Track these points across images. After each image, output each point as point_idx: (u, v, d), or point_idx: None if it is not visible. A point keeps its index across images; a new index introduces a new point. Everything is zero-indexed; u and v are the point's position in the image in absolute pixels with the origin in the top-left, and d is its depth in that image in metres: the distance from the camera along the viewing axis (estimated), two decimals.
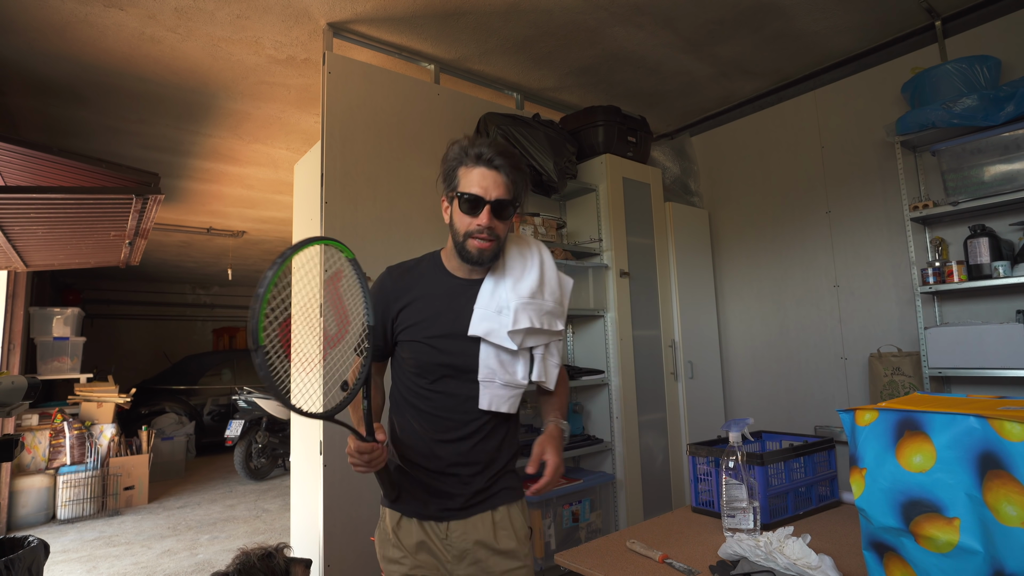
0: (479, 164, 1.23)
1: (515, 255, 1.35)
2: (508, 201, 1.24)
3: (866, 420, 1.00)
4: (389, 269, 1.41)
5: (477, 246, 1.24)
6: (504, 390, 1.28)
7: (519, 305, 1.26)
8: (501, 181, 1.23)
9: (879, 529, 0.96)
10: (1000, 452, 0.81)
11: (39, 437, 4.82)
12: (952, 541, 0.85)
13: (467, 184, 1.23)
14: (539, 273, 1.33)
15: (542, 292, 1.31)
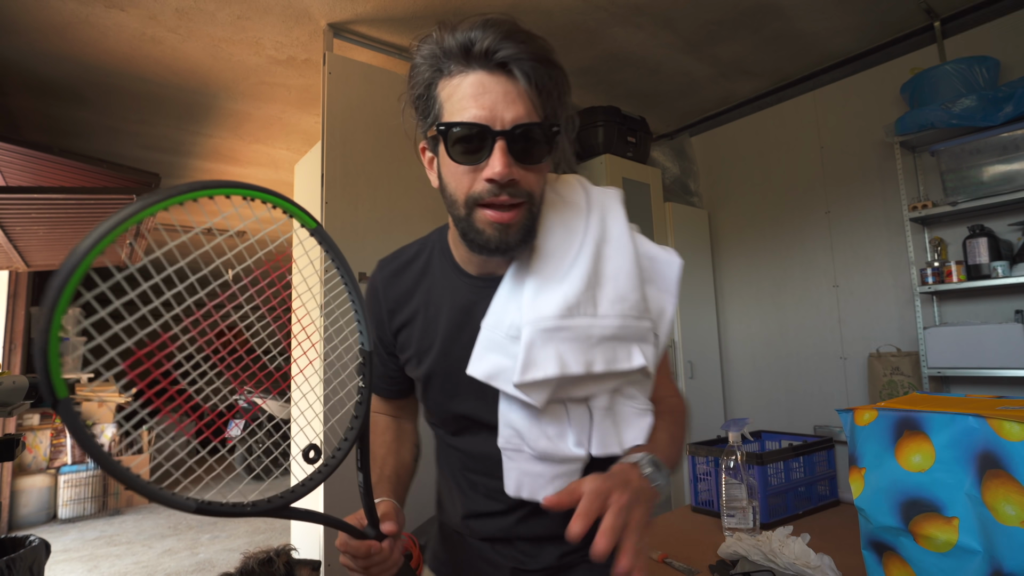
0: (471, 65, 0.70)
1: (554, 227, 0.80)
2: (539, 126, 0.71)
3: (865, 420, 1.00)
4: (380, 264, 0.97)
5: (493, 220, 0.72)
6: (541, 466, 0.78)
7: (535, 333, 0.73)
8: (519, 88, 0.70)
9: (878, 528, 0.97)
10: (999, 452, 0.82)
11: (40, 437, 4.83)
12: (951, 541, 0.85)
13: (455, 106, 0.71)
14: (591, 262, 0.77)
15: (595, 301, 0.76)
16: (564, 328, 0.74)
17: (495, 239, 0.74)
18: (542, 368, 0.73)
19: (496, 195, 0.71)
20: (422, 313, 0.89)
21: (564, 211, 0.83)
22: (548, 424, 0.78)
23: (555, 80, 0.73)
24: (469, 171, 0.72)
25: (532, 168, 0.73)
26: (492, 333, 0.79)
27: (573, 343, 0.74)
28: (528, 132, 0.71)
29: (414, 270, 0.92)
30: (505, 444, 0.80)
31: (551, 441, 0.78)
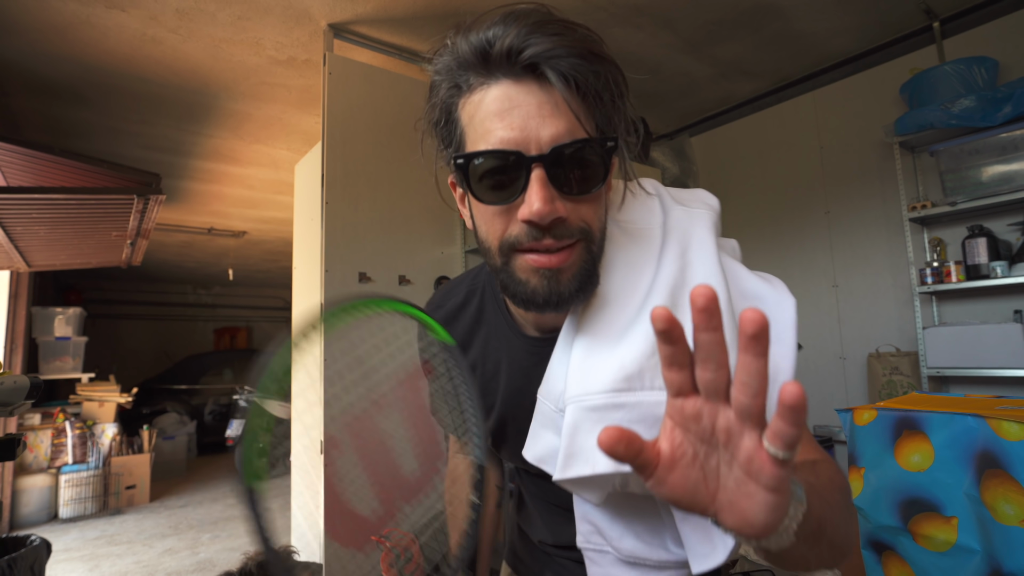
0: (493, 74, 0.56)
1: (614, 266, 0.64)
2: (588, 143, 0.55)
3: (865, 420, 1.01)
4: (428, 309, 0.80)
5: (537, 265, 0.57)
6: (632, 571, 0.63)
7: (579, 413, 0.58)
8: (557, 97, 0.55)
9: (878, 528, 0.97)
10: (998, 451, 0.82)
11: (41, 436, 4.83)
12: (950, 540, 0.86)
13: (478, 130, 0.57)
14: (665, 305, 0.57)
15: None
16: (620, 406, 0.56)
17: (543, 290, 0.58)
18: (588, 462, 0.56)
19: (537, 239, 0.56)
20: (480, 367, 0.76)
21: (628, 245, 0.64)
22: (636, 519, 0.61)
23: (606, 79, 0.56)
24: (502, 211, 0.57)
25: (584, 199, 0.57)
26: (544, 405, 0.64)
27: (636, 426, 0.53)
28: (574, 153, 0.55)
29: (466, 318, 0.78)
30: (584, 543, 0.65)
31: (641, 540, 0.61)
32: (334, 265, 2.41)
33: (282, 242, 6.78)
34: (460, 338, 0.78)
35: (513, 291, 0.60)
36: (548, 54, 0.53)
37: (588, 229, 0.58)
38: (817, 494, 0.49)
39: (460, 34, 0.57)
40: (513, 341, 0.73)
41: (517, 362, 0.72)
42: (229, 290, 10.24)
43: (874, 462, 1.00)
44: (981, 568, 0.83)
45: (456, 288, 0.82)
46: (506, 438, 0.77)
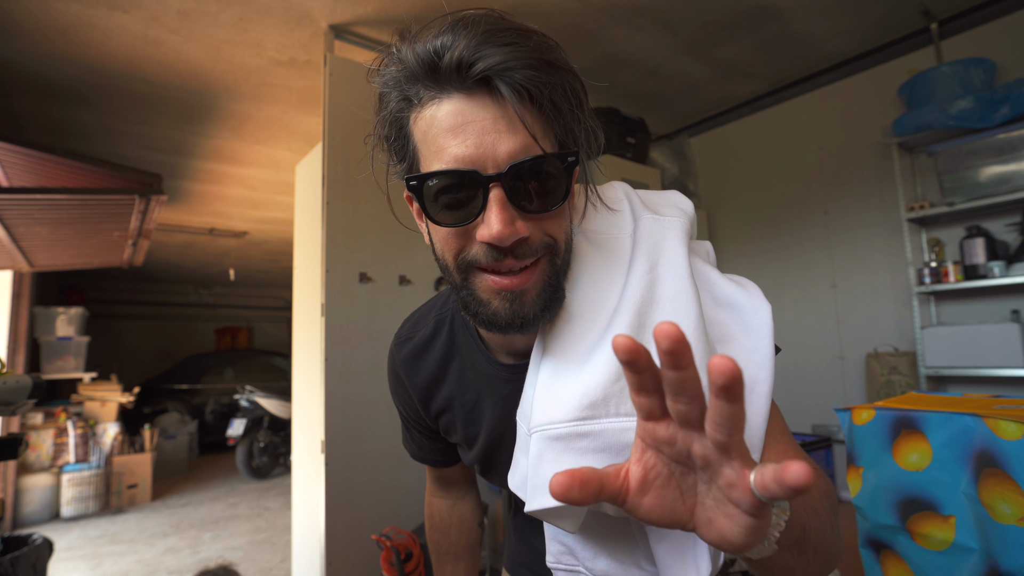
0: (443, 87, 0.53)
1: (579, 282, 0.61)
2: (547, 159, 0.53)
3: (863, 419, 1.02)
4: (396, 342, 0.81)
5: (498, 287, 0.55)
6: None
7: (543, 443, 0.56)
8: (512, 111, 0.52)
9: (876, 527, 0.98)
10: (995, 450, 0.83)
11: (43, 436, 4.83)
12: (948, 539, 0.87)
13: (430, 149, 0.55)
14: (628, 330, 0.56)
15: None
16: (584, 435, 0.53)
17: (506, 312, 0.55)
18: (542, 496, 0.54)
19: (498, 260, 0.54)
20: (458, 399, 0.74)
21: (595, 257, 0.62)
22: (608, 539, 0.60)
23: (563, 89, 0.53)
24: (459, 232, 0.55)
25: (547, 212, 0.54)
26: (521, 429, 0.62)
27: (600, 455, 0.53)
28: (534, 170, 0.52)
29: (436, 351, 0.76)
30: (555, 563, 0.63)
31: (614, 560, 0.59)
32: (335, 265, 2.42)
33: (283, 242, 6.79)
34: (432, 373, 0.76)
35: (474, 311, 0.58)
36: (500, 67, 0.50)
37: (553, 243, 0.56)
38: (802, 501, 0.48)
39: (406, 43, 0.53)
40: (488, 370, 0.70)
41: (496, 391, 0.70)
42: (230, 290, 10.24)
43: (872, 461, 1.01)
44: (979, 566, 0.84)
45: (424, 319, 0.79)
46: (495, 465, 0.75)
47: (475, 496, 0.99)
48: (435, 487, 0.98)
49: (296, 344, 2.97)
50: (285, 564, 3.60)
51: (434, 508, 0.98)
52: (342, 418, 2.36)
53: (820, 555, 0.50)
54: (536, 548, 0.84)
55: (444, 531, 0.96)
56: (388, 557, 2.14)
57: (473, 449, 0.75)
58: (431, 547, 0.99)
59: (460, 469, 0.93)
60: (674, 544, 0.55)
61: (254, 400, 6.16)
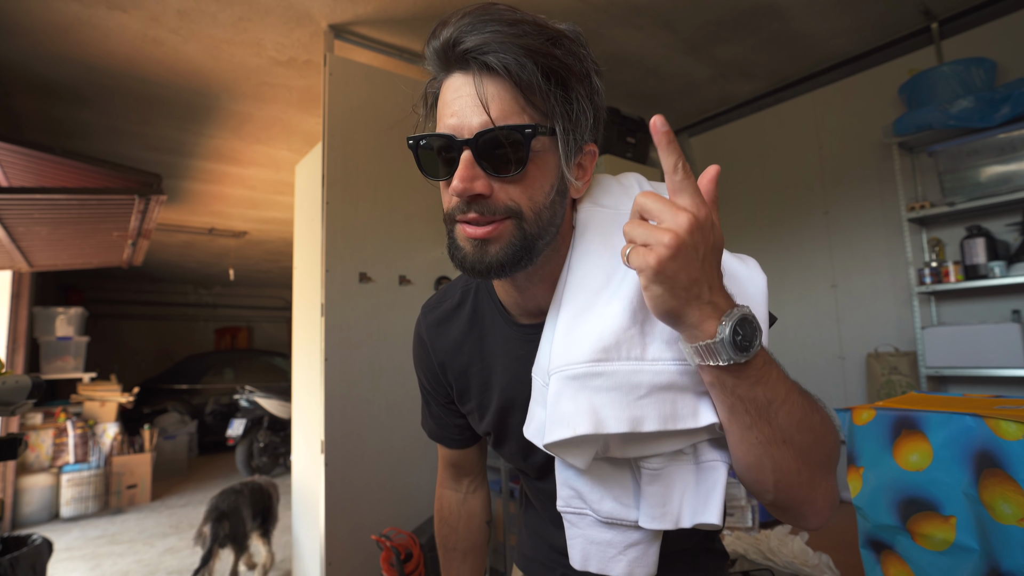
0: (449, 66, 0.63)
1: (591, 247, 0.67)
2: (509, 130, 0.59)
3: (863, 419, 1.02)
4: (424, 310, 0.89)
5: (467, 235, 0.64)
6: (609, 532, 0.66)
7: (561, 382, 0.61)
8: (493, 90, 0.60)
9: (876, 527, 0.98)
10: (996, 451, 0.83)
11: (43, 436, 4.83)
12: (948, 539, 0.86)
13: (439, 115, 0.66)
14: (638, 288, 0.60)
15: (643, 339, 0.60)
16: (598, 375, 0.58)
17: (471, 257, 0.64)
18: (570, 425, 0.58)
19: (464, 212, 0.63)
20: (476, 364, 0.81)
21: (605, 226, 0.68)
22: (613, 483, 0.65)
23: (543, 70, 0.59)
24: (444, 187, 0.67)
25: (513, 180, 0.62)
26: (536, 382, 0.68)
27: (613, 393, 0.58)
28: (495, 139, 0.59)
29: (461, 318, 0.83)
30: (565, 506, 0.68)
31: (618, 503, 0.65)
32: (334, 265, 2.42)
33: (283, 242, 6.79)
34: (454, 339, 0.83)
35: (452, 255, 0.66)
36: (476, 50, 0.59)
37: (517, 207, 0.62)
38: (785, 384, 0.56)
39: (436, 29, 0.63)
40: (507, 332, 0.78)
41: (513, 352, 0.77)
42: (230, 290, 10.24)
43: (873, 461, 1.01)
44: (979, 567, 0.84)
45: (452, 289, 0.87)
46: (509, 430, 0.80)
47: (486, 492, 1.01)
48: (447, 476, 1.00)
49: (296, 344, 2.97)
50: (285, 564, 3.60)
51: (444, 501, 1.00)
52: (342, 418, 2.36)
53: (801, 459, 0.57)
54: (547, 543, 0.87)
55: (453, 525, 0.98)
56: (388, 557, 2.14)
57: (487, 416, 0.81)
58: (439, 541, 1.00)
59: (474, 454, 0.96)
60: (661, 488, 0.62)
61: (254, 400, 6.15)
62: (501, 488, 2.63)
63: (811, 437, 0.58)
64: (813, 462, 0.58)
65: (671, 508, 0.62)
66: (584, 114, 0.64)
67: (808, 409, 0.58)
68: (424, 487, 2.58)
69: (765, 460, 0.57)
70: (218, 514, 2.88)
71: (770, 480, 0.58)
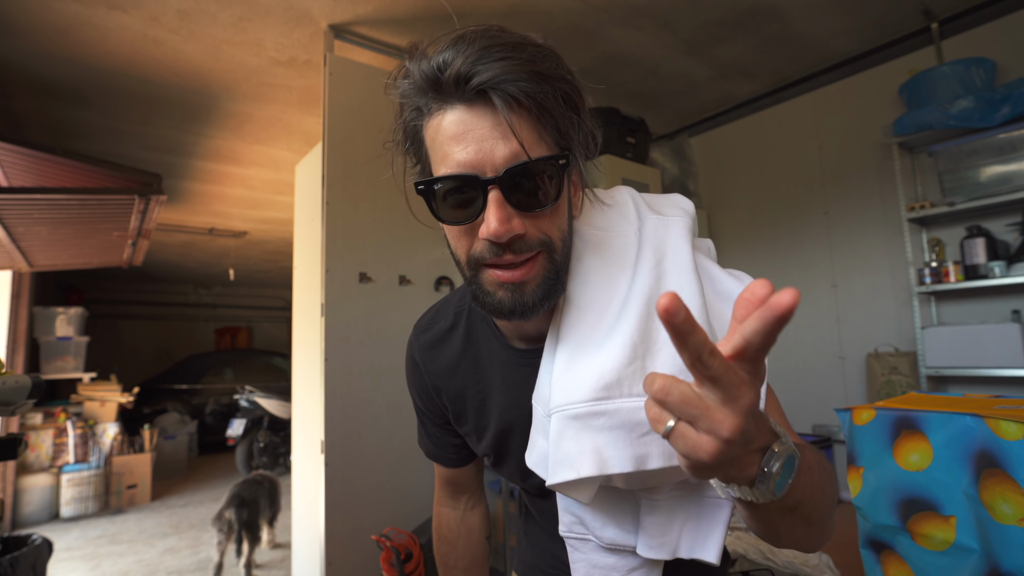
0: (447, 99, 0.58)
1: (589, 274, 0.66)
2: (540, 162, 0.57)
3: (863, 419, 1.02)
4: (416, 331, 0.86)
5: (501, 280, 0.60)
6: (612, 557, 0.67)
7: (563, 422, 0.60)
8: (509, 120, 0.56)
9: (876, 527, 0.98)
10: (996, 451, 0.83)
11: (43, 436, 4.83)
12: (948, 539, 0.86)
13: (438, 155, 0.60)
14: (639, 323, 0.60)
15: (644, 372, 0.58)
16: (600, 414, 0.57)
17: (508, 302, 0.61)
18: (574, 467, 0.57)
19: (498, 255, 0.59)
20: (472, 387, 0.79)
21: (603, 251, 0.66)
22: (615, 510, 0.65)
23: (557, 96, 0.57)
24: (465, 231, 0.61)
25: (540, 211, 0.59)
26: (537, 411, 0.67)
27: (615, 432, 0.57)
28: (527, 173, 0.56)
29: (455, 340, 0.81)
30: (567, 532, 0.68)
31: (620, 529, 0.65)
32: (334, 265, 2.42)
33: (283, 242, 6.79)
34: (448, 362, 0.81)
35: (482, 301, 0.63)
36: (495, 81, 0.54)
37: (548, 240, 0.61)
38: (809, 477, 0.52)
39: (414, 59, 0.59)
40: (504, 356, 0.75)
41: (510, 376, 0.75)
42: (230, 290, 10.24)
43: (873, 461, 1.01)
44: (979, 567, 0.84)
45: (444, 309, 0.84)
46: (508, 453, 0.78)
47: (484, 508, 1.00)
48: (445, 495, 0.98)
49: (296, 344, 2.97)
50: (285, 564, 3.60)
51: (443, 519, 0.98)
52: (342, 418, 2.36)
53: (811, 525, 0.55)
54: (548, 551, 0.86)
55: (452, 543, 0.97)
56: (388, 557, 2.14)
57: (484, 438, 0.79)
58: (439, 559, 0.99)
59: (472, 472, 0.95)
60: (662, 519, 0.62)
61: (254, 400, 6.15)
62: (501, 488, 2.63)
63: (824, 509, 0.56)
64: (821, 521, 0.57)
65: (669, 539, 0.62)
66: (591, 135, 0.64)
67: (823, 482, 0.55)
68: (424, 487, 2.58)
69: (781, 533, 0.55)
70: (240, 501, 3.22)
71: (782, 542, 0.57)
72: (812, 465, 0.53)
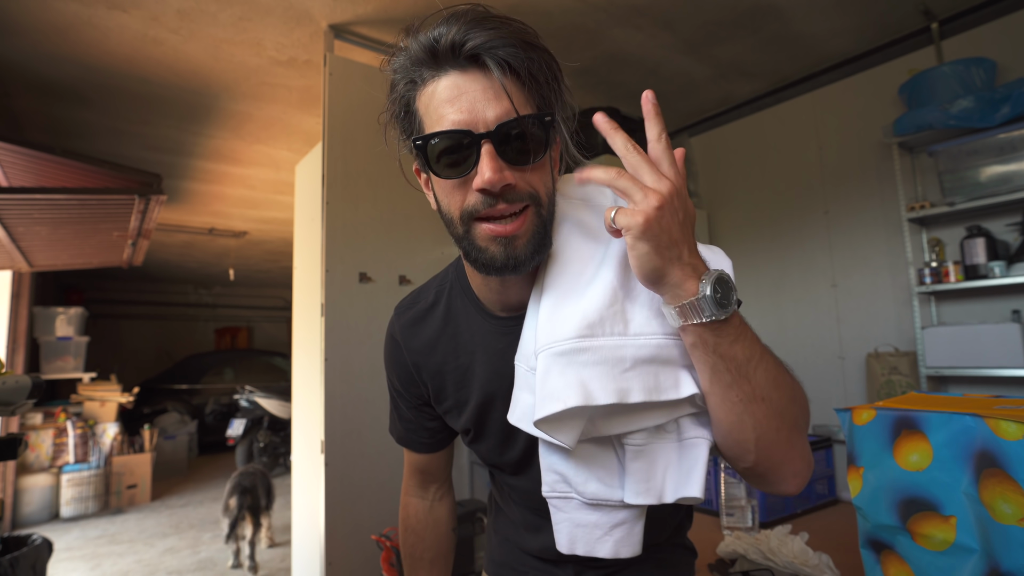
0: (441, 67, 0.63)
1: (571, 234, 0.70)
2: (529, 119, 0.62)
3: (863, 419, 1.01)
4: (397, 311, 0.89)
5: (494, 233, 0.64)
6: (595, 514, 0.68)
7: (550, 359, 0.63)
8: (498, 84, 0.61)
9: (876, 527, 0.98)
10: (996, 450, 0.82)
11: (43, 436, 4.84)
12: (948, 539, 0.86)
13: (432, 117, 0.64)
14: (618, 270, 0.65)
15: (624, 316, 0.63)
16: (585, 350, 0.61)
17: (501, 255, 0.64)
18: (560, 399, 0.59)
19: (492, 205, 0.62)
20: (452, 362, 0.81)
21: (584, 212, 0.71)
22: (597, 465, 0.67)
23: (540, 64, 0.63)
24: (459, 184, 0.64)
25: (531, 168, 0.64)
26: (520, 369, 0.69)
27: (599, 367, 0.60)
28: (517, 128, 0.61)
29: (435, 317, 0.83)
30: (550, 491, 0.70)
31: (603, 484, 0.67)
32: (334, 265, 2.42)
33: (283, 242, 6.79)
34: (428, 338, 0.83)
35: (474, 258, 0.66)
36: (487, 45, 0.60)
37: (536, 194, 0.65)
38: (759, 344, 0.61)
39: (411, 36, 0.64)
40: (485, 326, 0.78)
41: (492, 346, 0.77)
42: (230, 290, 10.24)
43: (873, 461, 1.00)
44: (979, 567, 0.84)
45: (425, 290, 0.88)
46: (488, 424, 0.80)
47: (452, 500, 1.01)
48: (413, 483, 0.99)
49: (296, 344, 2.97)
50: (285, 564, 3.60)
51: (410, 509, 0.99)
52: (342, 418, 2.36)
53: (775, 414, 0.61)
54: (518, 547, 0.88)
55: (420, 533, 0.98)
56: (388, 557, 2.14)
57: (465, 412, 0.81)
58: (404, 551, 0.99)
59: (442, 460, 0.96)
60: (645, 464, 0.65)
61: (254, 400, 6.16)
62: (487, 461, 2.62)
63: (786, 395, 0.62)
64: (790, 420, 0.62)
65: (655, 483, 0.65)
66: (570, 107, 0.69)
67: (781, 369, 0.63)
68: None
69: (746, 418, 0.60)
70: (242, 489, 3.50)
71: (751, 439, 0.61)
72: (770, 357, 0.62)
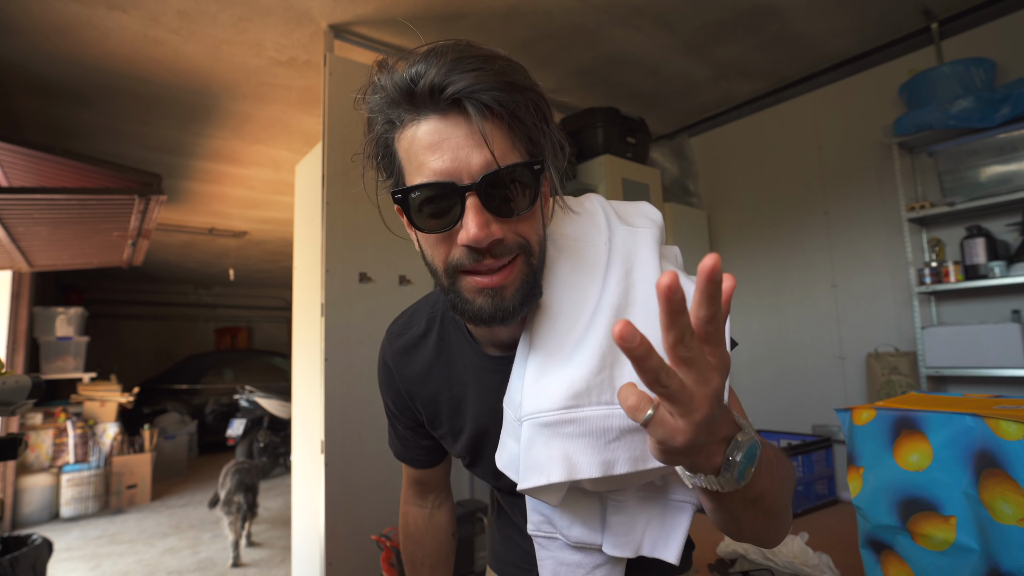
0: (420, 110, 0.59)
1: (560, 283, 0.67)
2: (516, 168, 0.58)
3: (863, 419, 1.01)
4: (389, 336, 0.86)
5: (480, 286, 0.61)
6: (578, 555, 0.70)
7: (534, 429, 0.62)
8: (482, 128, 0.57)
9: (876, 527, 0.98)
10: (996, 451, 0.82)
11: (43, 436, 4.83)
12: (948, 539, 0.86)
13: (412, 164, 0.60)
14: (607, 333, 0.61)
15: (612, 384, 0.60)
16: (570, 421, 0.59)
17: (488, 307, 0.61)
18: (544, 473, 0.59)
19: (478, 260, 0.59)
20: (446, 392, 0.80)
21: (574, 260, 0.67)
22: (582, 509, 0.67)
23: (527, 105, 0.59)
24: (443, 237, 0.61)
25: (518, 216, 0.60)
26: (507, 414, 0.68)
27: (584, 439, 0.59)
28: (504, 179, 0.57)
29: (427, 346, 0.81)
30: (535, 531, 0.71)
31: (587, 527, 0.67)
32: (334, 265, 2.41)
33: (283, 242, 6.78)
34: (421, 368, 0.81)
35: (461, 309, 0.63)
36: (469, 90, 0.55)
37: (527, 243, 0.61)
38: (769, 472, 0.54)
39: (385, 73, 0.60)
40: (477, 363, 0.76)
41: (484, 382, 0.75)
42: (230, 290, 10.24)
43: (873, 462, 1.01)
44: (979, 567, 0.84)
45: (417, 315, 0.84)
46: (483, 454, 0.79)
47: (451, 506, 1.02)
48: (412, 494, 1.00)
49: (296, 344, 2.97)
50: (285, 564, 3.60)
51: (410, 517, 1.00)
52: (342, 418, 2.36)
53: (771, 517, 0.57)
54: (521, 547, 0.88)
55: (419, 540, 0.99)
56: (388, 557, 2.14)
57: (459, 441, 0.80)
58: (406, 557, 1.00)
59: (439, 472, 0.97)
60: (627, 519, 0.65)
61: (254, 400, 6.16)
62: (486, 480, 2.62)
63: (783, 501, 0.59)
64: (782, 507, 0.59)
65: (633, 537, 0.65)
66: (559, 145, 0.65)
67: (782, 476, 0.58)
68: None
69: (743, 525, 0.57)
70: (245, 487, 3.69)
71: (746, 534, 0.60)
72: (772, 459, 0.55)
